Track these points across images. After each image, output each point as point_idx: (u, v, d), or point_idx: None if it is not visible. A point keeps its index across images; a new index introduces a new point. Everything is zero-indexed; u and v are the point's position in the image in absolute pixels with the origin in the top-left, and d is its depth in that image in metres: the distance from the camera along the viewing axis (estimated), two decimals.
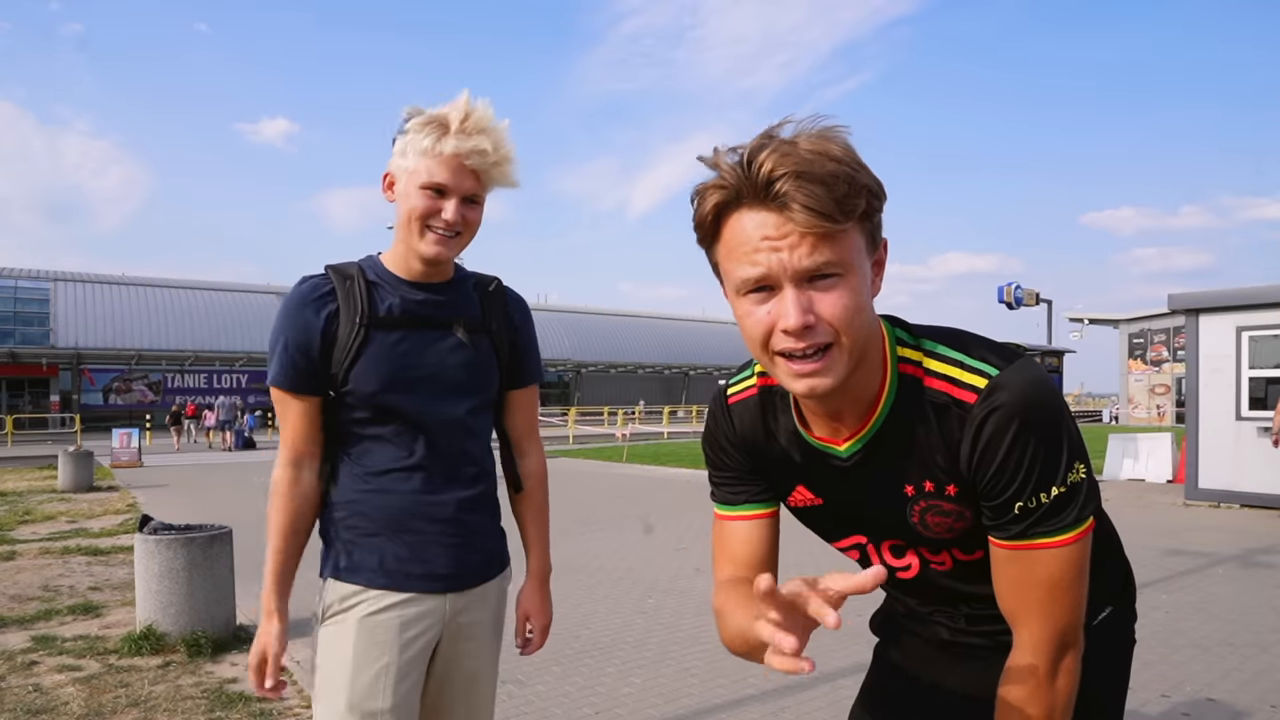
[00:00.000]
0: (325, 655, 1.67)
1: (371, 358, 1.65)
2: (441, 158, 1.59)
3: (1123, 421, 40.30)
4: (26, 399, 39.91)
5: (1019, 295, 22.96)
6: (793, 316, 0.99)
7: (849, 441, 1.16)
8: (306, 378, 1.66)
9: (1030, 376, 1.07)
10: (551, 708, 3.85)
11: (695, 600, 5.86)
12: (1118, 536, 1.42)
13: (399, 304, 1.69)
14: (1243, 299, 10.34)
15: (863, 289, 1.03)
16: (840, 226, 0.97)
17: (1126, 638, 1.37)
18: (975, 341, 1.14)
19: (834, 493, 1.23)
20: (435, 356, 1.70)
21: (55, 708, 3.80)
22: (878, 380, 1.13)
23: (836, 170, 0.97)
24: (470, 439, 1.75)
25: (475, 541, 1.75)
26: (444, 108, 1.63)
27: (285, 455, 1.69)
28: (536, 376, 1.90)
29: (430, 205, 1.61)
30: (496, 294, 1.82)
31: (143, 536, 4.87)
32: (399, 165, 1.64)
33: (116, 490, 13.38)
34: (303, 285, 1.70)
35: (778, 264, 0.99)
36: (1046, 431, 1.06)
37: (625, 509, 10.55)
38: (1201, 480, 10.47)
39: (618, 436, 26.19)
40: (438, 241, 1.64)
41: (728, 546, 1.31)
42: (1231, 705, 3.83)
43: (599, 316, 56.01)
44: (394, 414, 1.67)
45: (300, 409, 1.68)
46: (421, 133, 1.60)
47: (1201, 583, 6.29)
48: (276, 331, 1.68)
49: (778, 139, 1.00)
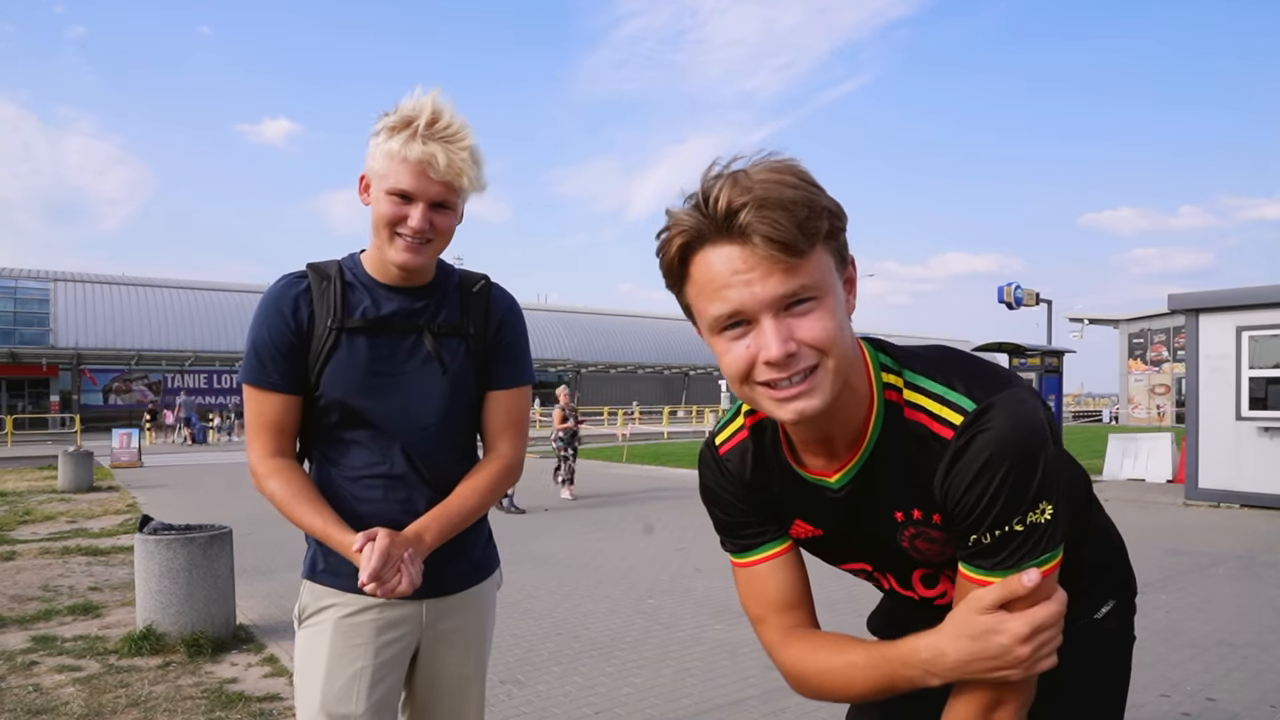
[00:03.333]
0: (302, 657, 1.66)
1: (341, 361, 1.62)
2: (406, 163, 1.54)
3: (1123, 421, 40.29)
4: (26, 399, 39.91)
5: (1019, 295, 22.91)
6: (774, 347, 0.98)
7: (839, 473, 1.16)
8: (280, 376, 1.62)
9: (1010, 412, 1.04)
10: (551, 708, 3.85)
11: (695, 600, 5.86)
12: (1118, 533, 1.43)
13: (372, 308, 1.65)
14: (1243, 299, 10.34)
15: (839, 309, 1.02)
16: (805, 252, 0.97)
17: (1128, 632, 1.38)
18: (960, 369, 1.10)
19: (831, 523, 1.22)
20: (406, 362, 1.65)
21: (55, 708, 3.80)
22: (865, 407, 1.12)
23: (795, 195, 0.96)
24: (446, 446, 1.70)
25: (456, 548, 1.71)
26: (410, 107, 1.57)
27: (262, 449, 1.64)
28: (522, 379, 1.81)
29: (396, 211, 1.56)
30: (480, 295, 1.76)
31: (143, 536, 4.87)
32: (371, 168, 1.60)
33: (116, 490, 13.37)
34: (280, 283, 1.67)
35: (750, 297, 0.98)
36: (1016, 469, 1.02)
37: (625, 509, 10.56)
38: (1201, 480, 10.47)
39: (618, 436, 26.19)
40: (407, 249, 1.59)
41: (761, 593, 1.26)
42: (1231, 705, 3.82)
43: (599, 316, 56.01)
44: (365, 419, 1.64)
45: (276, 406, 1.63)
46: (388, 136, 1.55)
47: (1201, 583, 6.29)
48: (252, 329, 1.65)
49: (731, 172, 0.99)
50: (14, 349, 37.07)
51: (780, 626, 1.24)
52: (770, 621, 1.24)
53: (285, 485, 1.60)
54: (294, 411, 1.65)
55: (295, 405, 1.65)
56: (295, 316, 1.63)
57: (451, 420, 1.70)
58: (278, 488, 1.61)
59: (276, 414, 1.64)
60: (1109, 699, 1.33)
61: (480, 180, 1.62)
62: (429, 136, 1.53)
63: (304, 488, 1.61)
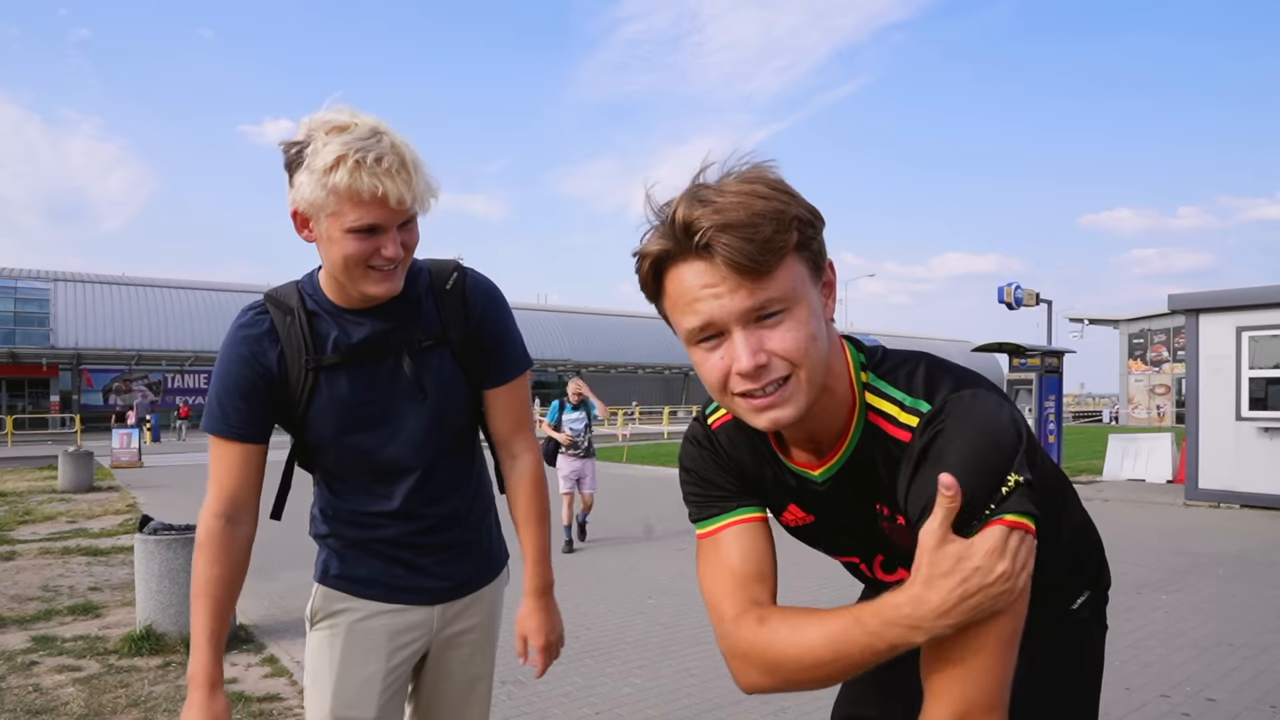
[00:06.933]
0: (313, 660, 1.65)
1: (325, 401, 1.55)
2: (361, 198, 1.38)
3: (1123, 422, 40.31)
4: (26, 399, 39.92)
5: (1019, 295, 22.92)
6: (744, 359, 0.99)
7: (823, 468, 1.17)
8: (246, 424, 1.54)
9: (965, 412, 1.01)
10: (551, 708, 3.85)
11: (695, 600, 5.84)
12: (1094, 526, 1.45)
13: (343, 336, 1.54)
14: (1243, 299, 10.34)
15: (811, 318, 1.02)
16: (771, 266, 0.96)
17: (1101, 621, 1.41)
18: (925, 372, 1.10)
19: (821, 511, 1.24)
20: (391, 388, 1.57)
21: (55, 708, 3.80)
22: (846, 408, 1.12)
23: (763, 209, 0.96)
24: (444, 460, 1.64)
25: (466, 554, 1.70)
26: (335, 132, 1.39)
27: (216, 506, 1.53)
28: (518, 367, 1.71)
29: (365, 247, 1.43)
30: (455, 292, 1.63)
31: (143, 536, 4.87)
32: (310, 203, 1.41)
33: (116, 490, 13.37)
34: (241, 321, 1.57)
35: (719, 309, 0.98)
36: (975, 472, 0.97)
37: (625, 509, 10.56)
38: (1201, 480, 10.47)
39: (618, 436, 26.20)
40: (383, 279, 1.47)
41: (724, 565, 1.17)
42: (1231, 705, 3.83)
43: (599, 316, 55.99)
44: (358, 453, 1.58)
45: (238, 457, 1.54)
46: (326, 172, 1.38)
47: (1201, 583, 6.30)
48: (216, 374, 1.55)
49: (700, 187, 1.00)
50: (14, 349, 37.08)
51: (738, 601, 1.13)
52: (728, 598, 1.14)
53: (202, 571, 1.52)
54: (254, 460, 1.56)
55: (257, 455, 1.56)
56: (262, 361, 1.53)
57: (450, 430, 1.65)
58: (198, 569, 1.53)
59: (233, 464, 1.54)
60: (1084, 685, 1.36)
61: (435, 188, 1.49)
62: (386, 168, 1.39)
63: (217, 580, 1.52)
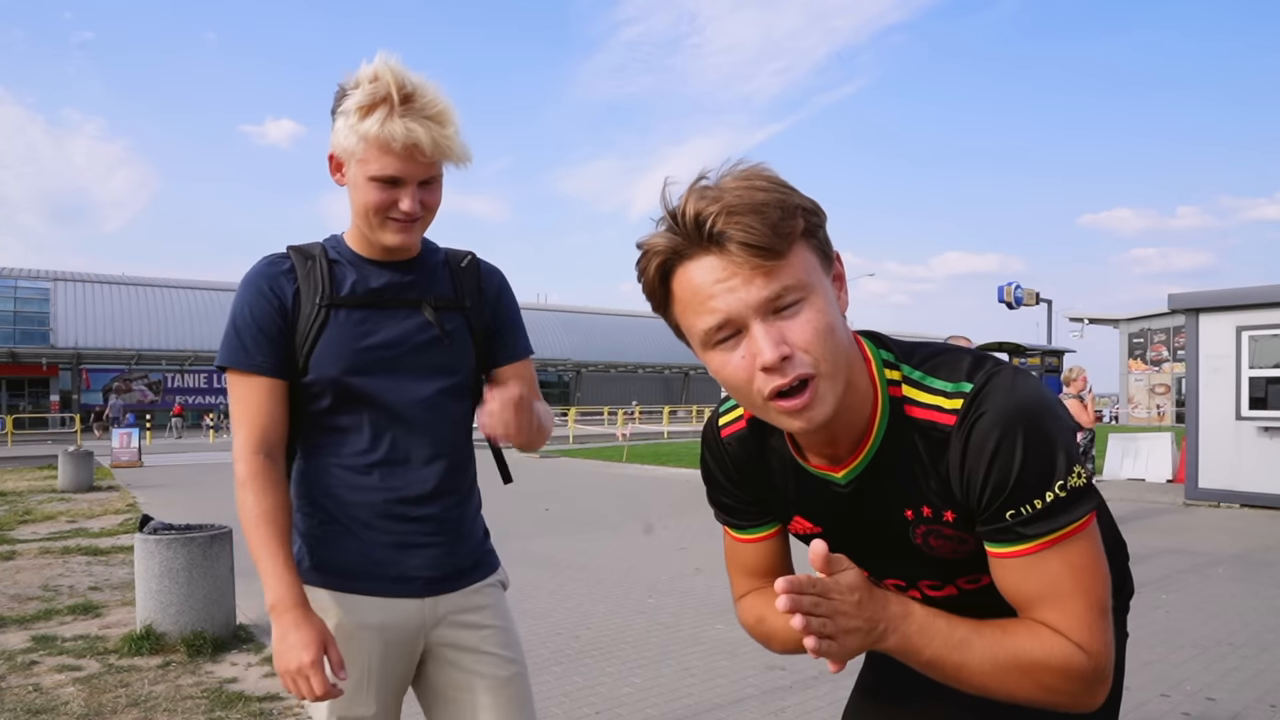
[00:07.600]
0: None
1: (332, 339, 1.55)
2: (389, 147, 1.44)
3: (1123, 421, 40.29)
4: (26, 399, 39.93)
5: (1019, 295, 22.97)
6: (767, 351, 0.96)
7: (847, 469, 1.13)
8: (267, 356, 1.54)
9: (1006, 385, 1.03)
10: (551, 708, 3.85)
11: (695, 600, 5.86)
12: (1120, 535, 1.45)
13: (361, 282, 1.58)
14: (1243, 299, 10.34)
15: (829, 307, 1.00)
16: (784, 251, 0.96)
17: (1121, 629, 1.41)
18: (952, 360, 1.10)
19: (833, 520, 1.21)
20: (401, 336, 1.58)
21: (55, 708, 3.80)
22: (869, 404, 1.10)
23: (766, 198, 0.95)
24: (444, 425, 1.63)
25: (455, 542, 1.66)
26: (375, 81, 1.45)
27: (253, 443, 1.52)
28: (527, 348, 1.77)
29: (385, 198, 1.49)
30: (469, 269, 1.70)
31: (143, 536, 4.87)
32: (343, 149, 1.49)
33: (116, 490, 13.37)
34: (261, 262, 1.59)
35: (736, 303, 0.96)
36: (1030, 438, 1.01)
37: (625, 509, 10.56)
38: (1201, 480, 10.47)
39: (618, 436, 26.19)
40: (399, 230, 1.53)
41: (741, 562, 1.34)
42: (1231, 705, 3.82)
43: (599, 316, 56.00)
44: (359, 399, 1.56)
45: (264, 392, 1.54)
46: (363, 116, 1.44)
47: (1201, 583, 6.29)
48: (234, 310, 1.56)
49: (701, 186, 0.99)
50: (14, 349, 37.08)
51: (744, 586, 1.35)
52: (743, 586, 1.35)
53: (256, 502, 1.50)
54: (281, 398, 1.56)
55: (282, 391, 1.56)
56: (279, 295, 1.55)
57: (453, 393, 1.64)
58: (249, 502, 1.50)
59: (261, 399, 1.54)
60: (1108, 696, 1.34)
61: (467, 152, 1.53)
62: (407, 114, 1.44)
63: (273, 509, 1.51)
